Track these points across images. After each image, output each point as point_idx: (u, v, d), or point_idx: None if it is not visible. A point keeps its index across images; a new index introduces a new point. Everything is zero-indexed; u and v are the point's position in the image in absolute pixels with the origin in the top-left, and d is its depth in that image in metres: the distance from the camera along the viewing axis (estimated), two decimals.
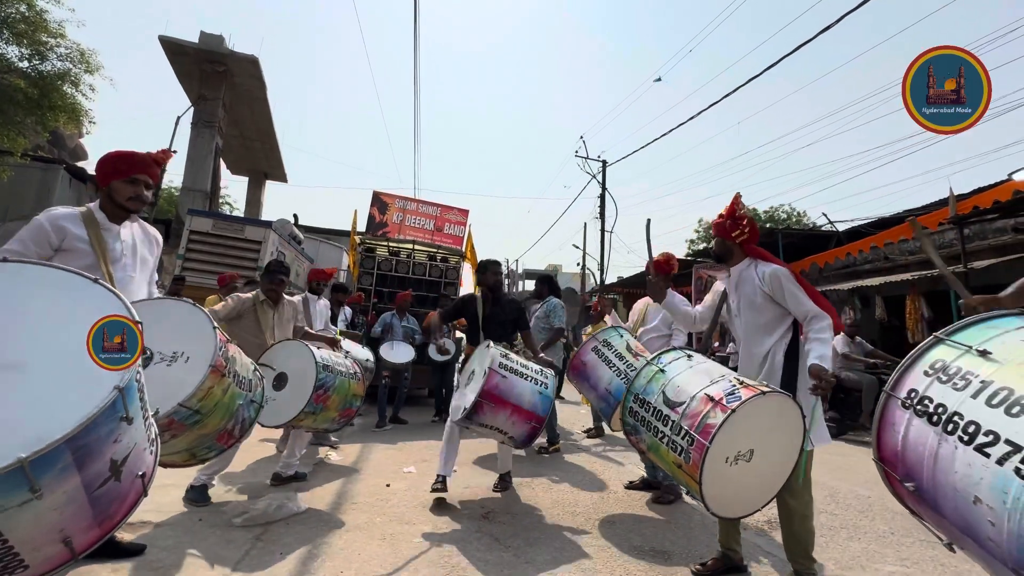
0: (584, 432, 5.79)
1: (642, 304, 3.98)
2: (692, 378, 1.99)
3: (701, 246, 27.17)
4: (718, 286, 2.41)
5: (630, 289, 17.34)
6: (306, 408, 2.74)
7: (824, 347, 1.91)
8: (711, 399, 1.82)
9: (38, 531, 1.00)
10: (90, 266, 1.88)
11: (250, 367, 2.18)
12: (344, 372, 3.10)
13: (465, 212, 8.66)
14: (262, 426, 2.75)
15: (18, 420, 1.01)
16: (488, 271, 3.48)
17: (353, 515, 2.79)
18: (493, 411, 2.65)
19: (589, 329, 5.88)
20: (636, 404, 2.09)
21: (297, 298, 4.68)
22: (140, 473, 1.18)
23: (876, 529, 2.91)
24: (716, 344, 10.08)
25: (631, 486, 3.53)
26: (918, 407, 1.18)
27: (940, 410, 1.13)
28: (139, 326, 1.26)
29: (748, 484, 1.83)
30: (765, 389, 1.80)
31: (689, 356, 2.13)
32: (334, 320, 5.71)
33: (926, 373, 1.22)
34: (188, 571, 2.04)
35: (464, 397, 2.83)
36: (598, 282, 20.89)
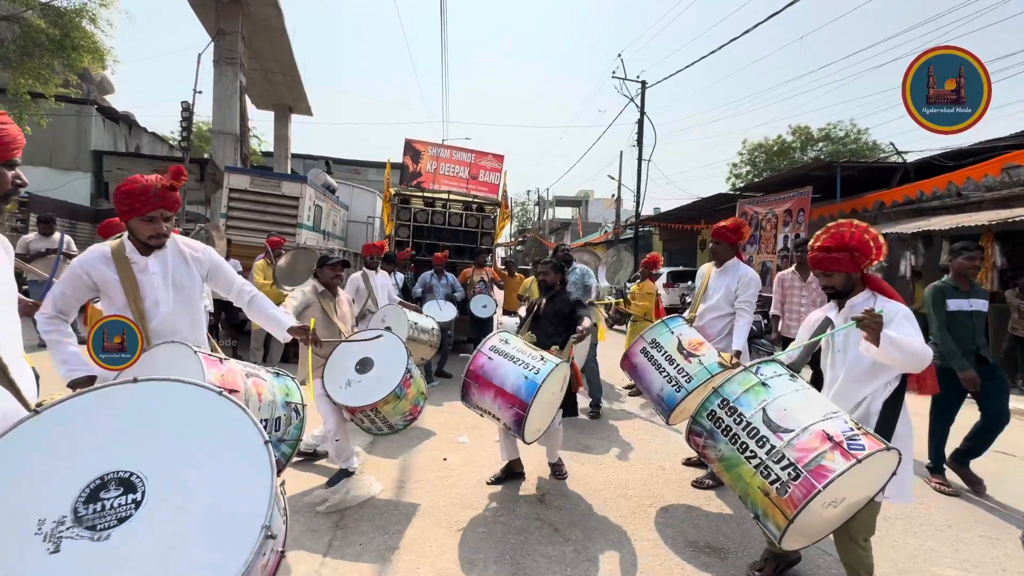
0: (627, 389, 5.90)
1: (706, 270, 3.51)
2: (803, 405, 1.87)
3: (745, 170, 25.58)
4: (815, 316, 2.22)
5: (668, 224, 16.74)
6: (395, 390, 2.75)
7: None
8: (829, 438, 1.72)
9: None
10: (123, 306, 1.91)
11: (279, 404, 2.06)
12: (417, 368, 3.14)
13: (500, 158, 8.32)
14: (342, 405, 2.81)
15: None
16: (548, 273, 3.29)
17: (419, 495, 2.99)
18: (480, 392, 2.67)
19: (632, 288, 5.71)
20: (723, 410, 2.00)
21: (357, 275, 4.79)
22: (279, 550, 1.28)
23: (933, 521, 2.89)
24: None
25: (689, 462, 3.58)
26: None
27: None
28: (221, 391, 1.28)
29: (818, 523, 1.81)
30: (888, 446, 1.71)
31: (793, 376, 2.00)
32: (405, 294, 5.79)
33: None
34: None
35: None
36: (634, 214, 20.22)
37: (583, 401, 5.05)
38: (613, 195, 27.77)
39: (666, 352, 2.95)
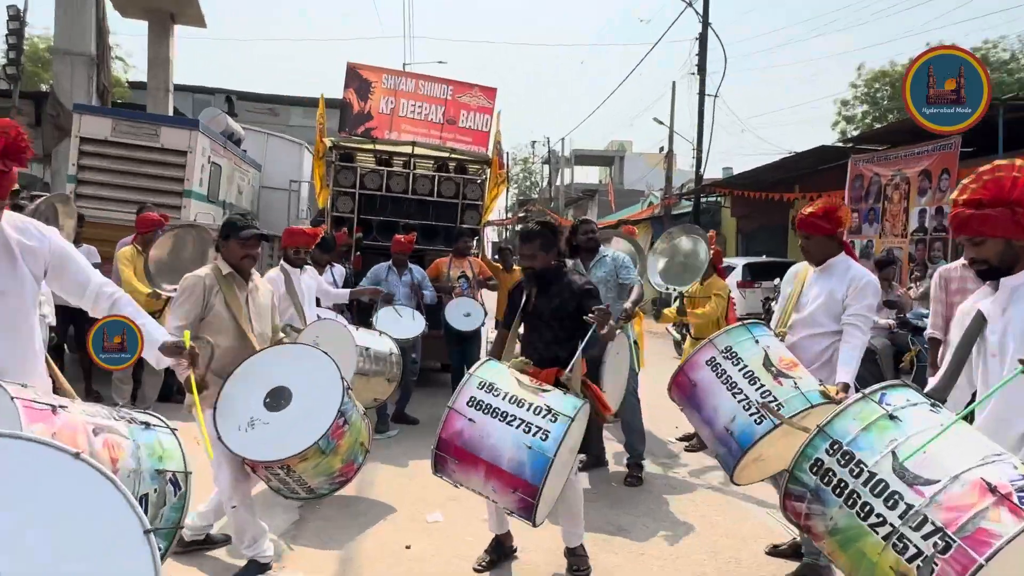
0: (684, 441, 5.91)
1: (799, 271, 3.52)
2: (951, 445, 1.89)
3: (860, 111, 25.71)
4: (966, 306, 2.25)
5: (744, 192, 16.85)
6: (319, 442, 2.78)
7: None
8: (991, 489, 1.74)
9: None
10: None
11: (146, 474, 2.09)
12: (358, 408, 3.19)
13: (491, 93, 8.41)
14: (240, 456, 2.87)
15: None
16: (529, 241, 3.30)
17: None
18: (463, 470, 2.71)
19: (691, 288, 5.70)
20: (833, 457, 2.02)
21: (273, 273, 4.81)
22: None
23: None
24: None
25: (776, 551, 3.61)
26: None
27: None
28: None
29: None
30: None
31: (935, 406, 2.04)
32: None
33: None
34: None
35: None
36: (692, 177, 20.33)
37: (613, 454, 5.08)
38: (661, 148, 27.94)
39: (745, 367, 2.96)
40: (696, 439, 5.62)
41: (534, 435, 2.63)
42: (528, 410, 2.71)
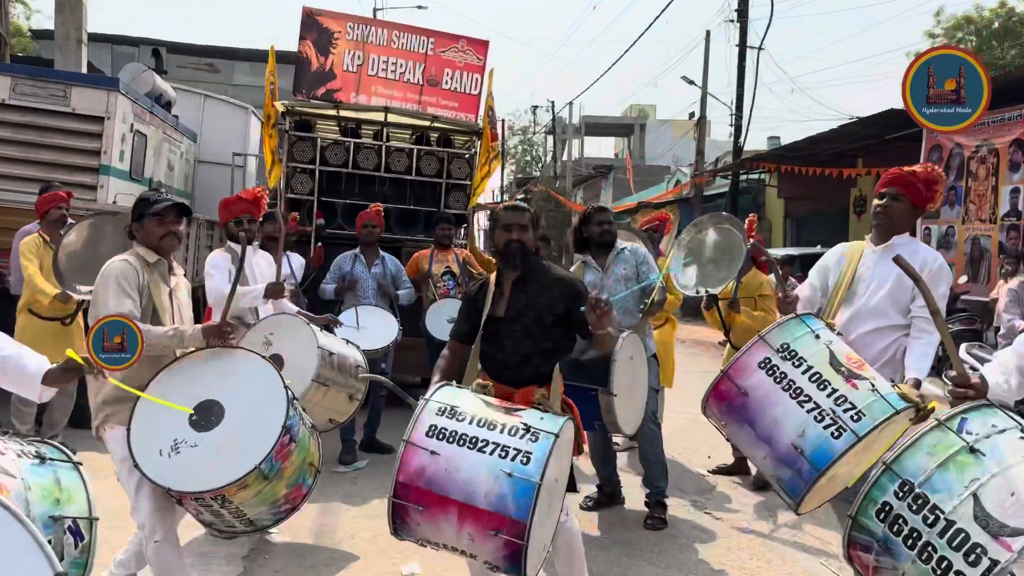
0: (720, 471, 5.93)
1: (848, 252, 3.60)
2: None
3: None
4: None
5: (795, 167, 16.89)
6: (261, 466, 2.81)
7: None
8: None
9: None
10: None
11: (38, 520, 2.08)
12: (305, 422, 3.23)
13: (482, 47, 8.44)
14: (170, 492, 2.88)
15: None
16: (519, 211, 3.32)
17: None
18: (429, 520, 2.63)
19: (724, 289, 5.72)
20: (903, 501, 2.05)
21: (218, 255, 4.86)
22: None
23: None
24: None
25: None
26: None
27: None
28: None
29: None
30: None
31: None
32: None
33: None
34: None
35: None
36: (731, 149, 20.38)
37: (632, 487, 5.11)
38: (692, 115, 27.94)
39: (810, 368, 2.92)
40: (734, 466, 5.66)
41: (513, 459, 2.58)
42: (502, 432, 2.66)
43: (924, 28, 24.68)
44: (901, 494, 2.05)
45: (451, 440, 2.66)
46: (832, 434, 2.80)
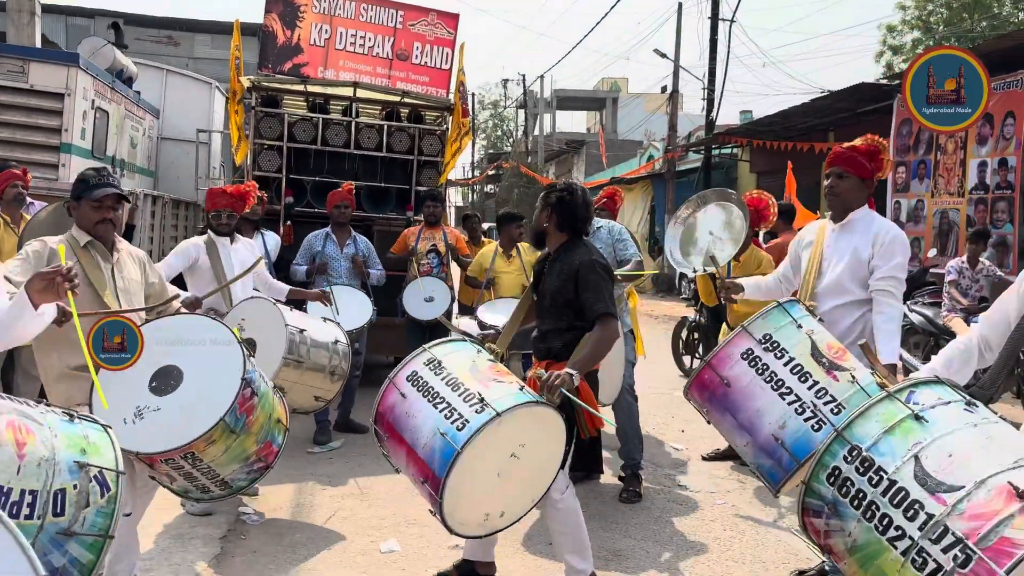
0: (715, 457, 5.87)
1: (815, 229, 3.68)
2: (980, 447, 2.01)
3: (910, 40, 25.97)
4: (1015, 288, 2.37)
5: (767, 141, 17.03)
6: (225, 418, 2.86)
7: None
8: (1019, 494, 1.83)
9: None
10: None
11: (63, 466, 2.13)
12: (266, 379, 3.33)
13: (452, 20, 8.42)
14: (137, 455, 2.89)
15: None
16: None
17: None
18: (392, 448, 3.01)
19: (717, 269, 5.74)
20: (851, 464, 2.13)
21: (193, 242, 4.86)
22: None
23: None
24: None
25: None
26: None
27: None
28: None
29: None
30: None
31: (970, 405, 2.16)
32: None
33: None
34: None
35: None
36: (704, 122, 20.50)
37: (606, 462, 5.20)
38: (664, 88, 27.99)
39: (791, 359, 3.01)
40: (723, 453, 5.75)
41: (453, 422, 2.76)
42: (459, 395, 2.84)
43: (895, 1, 24.80)
44: (850, 458, 2.13)
45: (419, 389, 2.95)
46: (812, 427, 2.90)
